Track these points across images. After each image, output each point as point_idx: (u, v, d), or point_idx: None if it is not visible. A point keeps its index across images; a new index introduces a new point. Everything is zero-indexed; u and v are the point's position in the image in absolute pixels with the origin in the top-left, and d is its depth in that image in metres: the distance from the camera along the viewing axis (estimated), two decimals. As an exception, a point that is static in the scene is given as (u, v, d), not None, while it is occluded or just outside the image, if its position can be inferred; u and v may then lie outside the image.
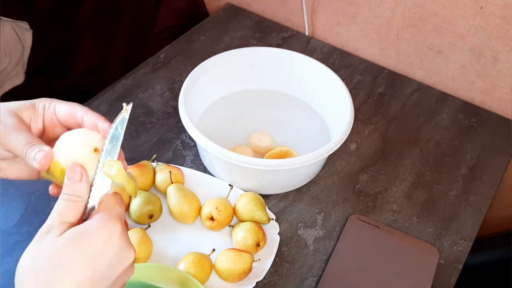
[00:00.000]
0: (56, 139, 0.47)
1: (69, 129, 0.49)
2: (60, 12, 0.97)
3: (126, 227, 0.68)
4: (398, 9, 0.95)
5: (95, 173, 0.44)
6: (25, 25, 0.90)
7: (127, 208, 0.71)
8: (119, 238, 0.41)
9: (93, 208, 0.43)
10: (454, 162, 0.86)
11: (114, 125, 0.45)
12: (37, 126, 0.49)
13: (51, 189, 0.48)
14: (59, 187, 0.44)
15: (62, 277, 0.38)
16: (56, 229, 0.40)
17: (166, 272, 0.61)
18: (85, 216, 0.43)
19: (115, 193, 0.45)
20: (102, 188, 0.44)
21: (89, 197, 0.43)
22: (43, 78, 0.96)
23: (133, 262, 0.43)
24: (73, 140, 0.45)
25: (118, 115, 0.45)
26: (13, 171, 0.52)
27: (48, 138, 0.50)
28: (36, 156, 0.44)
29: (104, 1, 1.02)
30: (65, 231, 0.40)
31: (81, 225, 0.41)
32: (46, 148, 0.44)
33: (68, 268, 0.39)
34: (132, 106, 0.48)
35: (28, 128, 0.48)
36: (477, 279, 0.98)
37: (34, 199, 0.74)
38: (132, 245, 0.43)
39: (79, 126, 0.48)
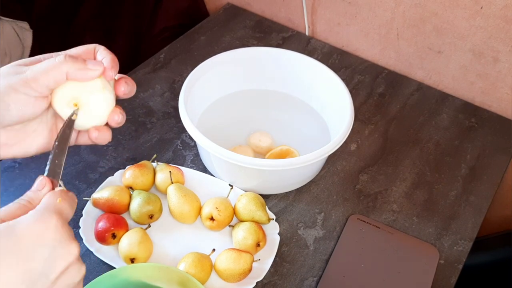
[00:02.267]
0: None
1: None
2: (60, 12, 0.97)
3: (126, 227, 0.68)
4: (398, 9, 0.95)
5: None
6: (25, 25, 0.90)
7: (127, 208, 0.71)
8: (54, 232, 0.38)
9: None
10: (454, 162, 0.86)
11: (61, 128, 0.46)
12: None
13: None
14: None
15: None
16: None
17: (166, 272, 0.61)
18: None
19: (63, 190, 0.43)
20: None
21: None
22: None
23: (79, 260, 0.40)
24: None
25: (66, 120, 0.47)
26: (33, 143, 0.49)
27: None
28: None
29: (104, 1, 1.02)
30: None
31: (13, 220, 0.38)
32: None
33: None
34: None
35: None
36: (477, 279, 0.98)
37: (34, 199, 0.74)
38: (74, 239, 0.40)
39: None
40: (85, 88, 0.46)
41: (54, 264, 0.38)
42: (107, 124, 0.50)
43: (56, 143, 0.46)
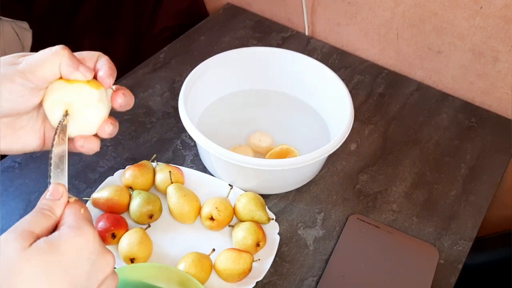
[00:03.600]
0: None
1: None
2: (60, 12, 0.97)
3: (126, 227, 0.68)
4: (398, 9, 0.95)
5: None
6: (25, 25, 0.90)
7: (127, 208, 0.71)
8: (94, 244, 0.38)
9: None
10: (454, 162, 0.86)
11: (55, 136, 0.45)
12: None
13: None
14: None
15: None
16: (24, 240, 0.36)
17: (166, 272, 0.61)
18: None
19: (76, 199, 0.43)
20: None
21: None
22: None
23: (114, 268, 0.40)
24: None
25: (58, 125, 0.45)
26: (19, 140, 0.48)
27: None
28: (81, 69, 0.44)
29: (104, 1, 1.02)
30: (33, 243, 0.36)
31: (51, 235, 0.38)
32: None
33: (43, 284, 0.35)
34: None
35: None
36: (477, 279, 0.98)
37: (34, 199, 0.74)
38: (108, 250, 0.40)
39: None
40: (81, 96, 0.45)
41: (96, 276, 0.38)
42: (96, 134, 0.48)
43: (53, 149, 0.44)
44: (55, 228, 0.40)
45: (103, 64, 0.47)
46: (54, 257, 0.36)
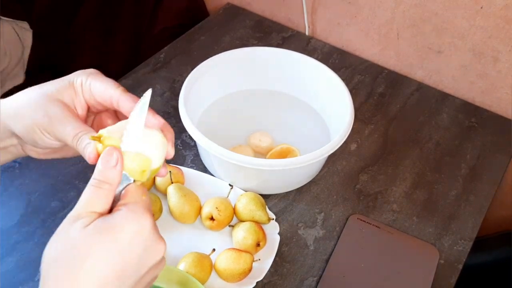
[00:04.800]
0: (100, 112, 0.47)
1: (103, 107, 0.47)
2: (60, 12, 0.97)
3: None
4: (398, 9, 0.95)
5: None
6: (25, 25, 0.90)
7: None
8: (150, 231, 0.39)
9: (117, 198, 0.41)
10: (454, 162, 0.86)
11: (133, 113, 0.42)
12: (81, 106, 0.47)
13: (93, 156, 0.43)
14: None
15: (88, 271, 0.36)
16: (84, 218, 0.38)
17: (166, 272, 0.61)
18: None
19: (139, 184, 0.42)
20: (125, 179, 0.42)
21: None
22: (43, 78, 0.96)
23: (164, 255, 0.41)
24: (151, 140, 0.43)
25: (138, 103, 0.43)
26: (70, 151, 0.49)
27: (92, 114, 0.49)
28: (85, 151, 0.43)
29: (104, 1, 1.02)
30: (92, 221, 0.38)
31: (110, 216, 0.39)
32: (92, 142, 0.42)
33: (95, 262, 0.36)
34: None
35: (73, 113, 0.45)
36: (477, 279, 0.98)
37: (34, 199, 0.74)
38: (162, 238, 0.41)
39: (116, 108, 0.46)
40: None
41: (146, 262, 0.39)
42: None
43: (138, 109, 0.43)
44: (117, 200, 0.41)
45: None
46: (110, 237, 0.37)
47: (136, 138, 0.42)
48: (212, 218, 0.70)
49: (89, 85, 0.46)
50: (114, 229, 0.38)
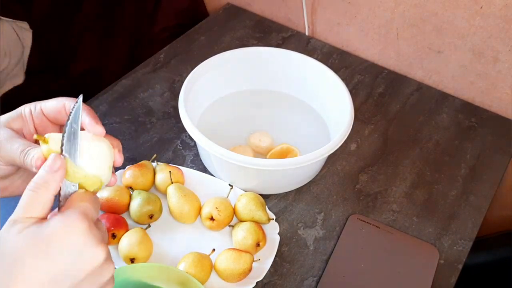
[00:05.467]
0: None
1: (60, 125, 0.49)
2: (60, 12, 0.97)
3: (126, 227, 0.68)
4: (398, 9, 0.95)
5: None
6: (25, 25, 0.90)
7: (127, 208, 0.71)
8: (83, 235, 0.39)
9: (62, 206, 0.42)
10: (454, 162, 0.86)
11: (68, 122, 0.43)
12: (29, 131, 0.49)
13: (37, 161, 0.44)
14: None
15: (17, 278, 0.36)
16: (20, 224, 0.39)
17: (166, 272, 0.61)
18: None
19: (86, 191, 0.43)
20: (71, 186, 0.43)
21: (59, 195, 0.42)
22: (43, 78, 0.96)
23: (107, 262, 0.41)
24: (96, 151, 0.44)
25: (71, 110, 0.44)
26: (19, 187, 0.51)
27: None
28: (32, 161, 0.43)
29: (104, 1, 1.02)
30: (28, 227, 0.38)
31: (45, 222, 0.39)
32: (38, 150, 0.44)
33: (24, 269, 0.37)
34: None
35: (21, 135, 0.47)
36: (477, 279, 0.98)
37: (34, 199, 0.74)
38: (103, 243, 0.40)
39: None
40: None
41: (81, 267, 0.39)
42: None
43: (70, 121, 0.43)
44: (57, 201, 0.41)
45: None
46: (41, 243, 0.38)
47: (84, 156, 0.43)
48: (212, 218, 0.70)
49: (40, 108, 0.48)
50: (43, 237, 0.38)
